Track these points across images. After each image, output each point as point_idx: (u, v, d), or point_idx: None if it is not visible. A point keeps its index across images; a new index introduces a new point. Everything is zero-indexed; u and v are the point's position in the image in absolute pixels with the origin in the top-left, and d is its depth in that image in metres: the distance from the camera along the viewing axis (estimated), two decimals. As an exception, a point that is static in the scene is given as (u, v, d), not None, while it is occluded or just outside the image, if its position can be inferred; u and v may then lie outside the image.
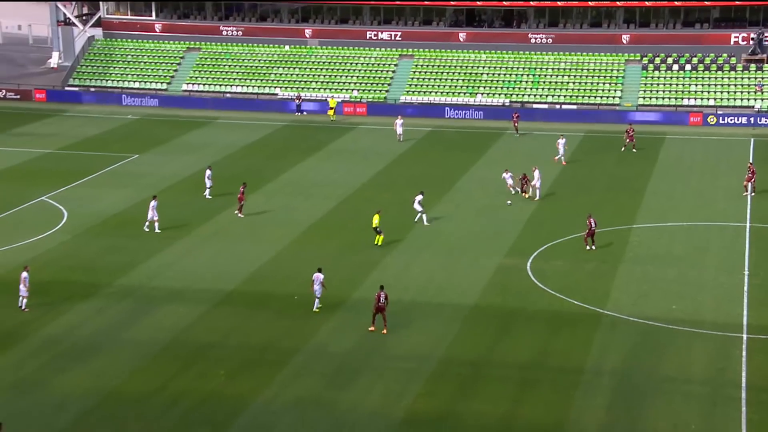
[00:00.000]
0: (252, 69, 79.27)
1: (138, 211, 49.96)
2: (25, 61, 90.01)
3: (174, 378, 33.08)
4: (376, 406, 31.47)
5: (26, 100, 76.21)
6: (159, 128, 69.11)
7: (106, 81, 78.83)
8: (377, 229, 45.34)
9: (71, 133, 67.00)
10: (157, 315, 37.89)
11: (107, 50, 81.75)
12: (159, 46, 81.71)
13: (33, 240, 45.71)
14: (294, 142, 66.24)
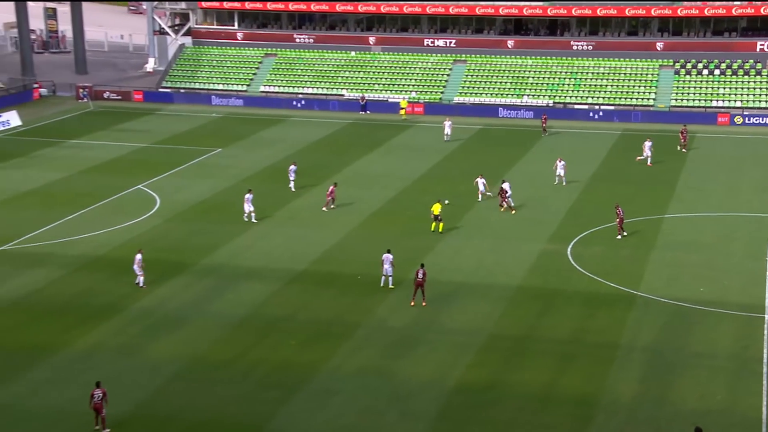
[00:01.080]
0: (322, 72, 79.40)
1: (221, 198, 50.40)
2: (126, 66, 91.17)
3: (251, 347, 33.36)
4: (430, 375, 31.41)
5: (126, 100, 77.18)
6: (239, 125, 69.58)
7: (194, 83, 79.51)
8: (438, 217, 45.09)
9: (164, 129, 67.74)
10: (237, 291, 38.21)
11: (196, 56, 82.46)
12: (240, 53, 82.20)
13: (130, 223, 46.35)
14: (358, 138, 66.26)
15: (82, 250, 42.21)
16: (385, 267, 38.11)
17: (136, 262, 38.17)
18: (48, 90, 78.27)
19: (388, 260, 38.17)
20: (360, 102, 74.86)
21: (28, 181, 53.24)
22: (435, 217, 45.05)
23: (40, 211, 47.49)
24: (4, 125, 66.30)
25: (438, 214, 45.03)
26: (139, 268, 38.10)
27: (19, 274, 39.36)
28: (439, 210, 45.08)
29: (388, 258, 38.22)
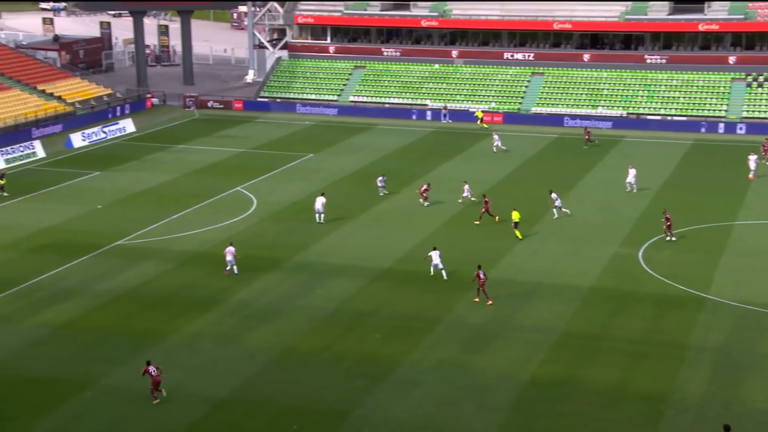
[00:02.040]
0: (407, 84, 79.39)
1: (312, 200, 50.73)
2: (228, 78, 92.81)
3: (338, 339, 33.49)
4: (505, 369, 31.02)
5: (227, 108, 78.54)
6: (330, 132, 70.10)
7: (290, 93, 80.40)
8: (516, 224, 44.15)
9: (261, 135, 68.69)
10: (325, 286, 38.43)
11: (291, 68, 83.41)
12: (332, 65, 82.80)
13: (229, 222, 47.10)
14: (440, 145, 66.01)
15: (187, 246, 43.06)
16: (435, 262, 38.73)
17: (228, 252, 38.96)
18: (159, 99, 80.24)
19: (437, 256, 38.83)
20: (442, 111, 74.59)
21: (141, 182, 54.60)
22: (515, 224, 44.27)
23: (150, 210, 48.64)
24: (120, 131, 68.22)
25: (517, 221, 44.28)
26: (232, 257, 38.87)
27: (132, 266, 40.39)
28: (518, 217, 44.32)
29: (436, 254, 38.90)
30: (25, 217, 47.15)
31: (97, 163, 59.09)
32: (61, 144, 63.73)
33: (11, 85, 71.44)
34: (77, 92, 74.82)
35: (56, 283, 38.30)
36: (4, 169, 53.70)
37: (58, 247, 42.79)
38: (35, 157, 59.92)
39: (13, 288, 37.48)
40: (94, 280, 38.74)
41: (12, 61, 75.73)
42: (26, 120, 66.98)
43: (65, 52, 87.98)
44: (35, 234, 44.57)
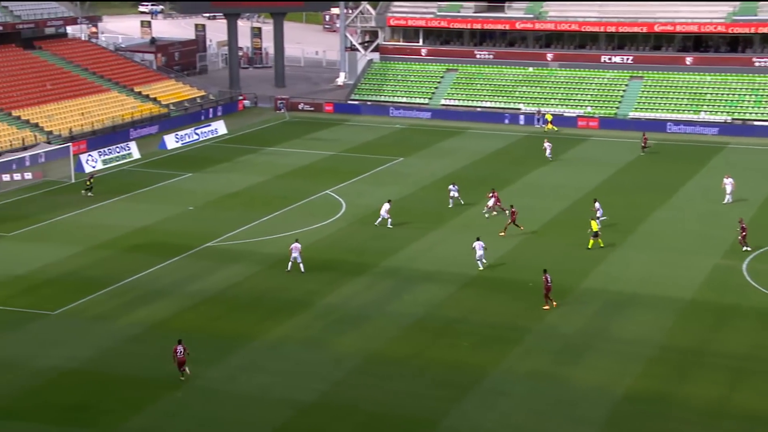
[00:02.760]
0: (500, 87, 78.85)
1: (401, 204, 50.92)
2: (319, 80, 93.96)
3: (427, 346, 33.46)
4: (599, 382, 30.44)
5: (318, 111, 79.50)
6: (421, 136, 70.17)
7: (380, 96, 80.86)
8: (596, 234, 43.18)
9: (351, 138, 69.26)
10: (414, 292, 38.46)
11: (382, 71, 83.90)
12: (423, 68, 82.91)
13: (318, 225, 47.64)
14: (533, 150, 65.29)
15: (276, 249, 43.76)
16: (478, 253, 40.09)
17: (295, 249, 39.81)
18: (251, 102, 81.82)
19: (480, 247, 40.19)
20: (536, 116, 73.81)
21: (232, 184, 55.77)
22: (594, 233, 43.28)
23: (241, 212, 49.63)
24: (212, 133, 69.88)
25: (596, 230, 43.24)
26: (298, 254, 39.64)
27: (222, 268, 41.28)
28: (597, 227, 43.31)
29: (479, 245, 40.32)
30: (120, 217, 48.77)
31: (189, 164, 60.67)
32: (156, 145, 65.71)
33: (110, 87, 74.07)
34: (172, 94, 77.02)
35: (149, 282, 39.46)
36: (93, 170, 55.61)
37: (152, 247, 44.09)
38: (131, 158, 61.91)
39: (109, 287, 38.78)
40: (185, 280, 39.77)
41: (111, 64, 78.51)
42: (123, 121, 69.31)
43: (161, 54, 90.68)
44: (130, 234, 46.04)
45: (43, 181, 55.75)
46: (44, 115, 65.79)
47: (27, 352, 32.64)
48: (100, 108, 69.71)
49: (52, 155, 57.91)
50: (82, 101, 69.65)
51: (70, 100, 69.06)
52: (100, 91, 72.33)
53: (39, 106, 66.68)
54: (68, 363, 31.84)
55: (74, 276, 40.07)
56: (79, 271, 40.69)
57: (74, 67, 74.94)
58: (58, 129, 64.79)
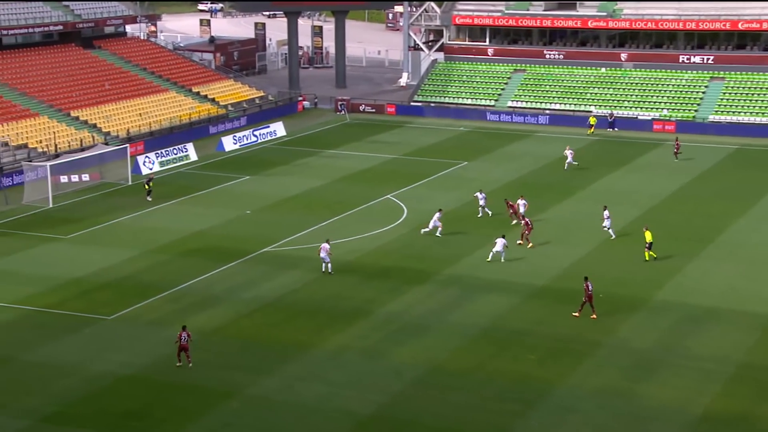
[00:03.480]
0: (570, 89, 78.12)
1: (465, 210, 50.81)
2: (381, 81, 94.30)
3: (490, 358, 33.29)
4: (674, 401, 29.89)
5: (380, 113, 79.75)
6: (485, 139, 69.89)
7: (444, 98, 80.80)
8: (650, 245, 42.21)
9: (413, 141, 69.31)
10: (478, 302, 38.31)
11: (447, 71, 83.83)
12: (490, 68, 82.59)
13: (379, 231, 47.77)
14: (604, 154, 64.52)
15: (334, 255, 43.94)
16: (496, 249, 41.70)
17: (323, 249, 40.86)
18: (310, 103, 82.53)
19: (501, 244, 41.62)
20: (608, 119, 72.94)
21: (290, 187, 56.29)
22: (648, 245, 42.15)
23: (299, 217, 50.06)
24: (271, 135, 70.64)
25: (650, 241, 42.14)
26: (326, 254, 40.61)
27: (279, 274, 41.68)
28: (651, 237, 42.22)
29: (501, 242, 41.70)
30: (176, 221, 49.60)
31: (247, 167, 61.43)
32: (213, 147, 66.69)
33: (168, 87, 75.45)
34: (230, 94, 78.12)
35: (205, 288, 40.04)
36: (152, 173, 56.58)
37: (208, 252, 44.74)
38: (188, 160, 62.93)
39: (164, 292, 39.46)
40: (241, 287, 40.25)
41: (169, 63, 79.97)
42: (180, 122, 70.53)
43: (220, 53, 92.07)
44: (186, 238, 46.79)
45: (100, 183, 57.03)
46: (102, 116, 67.31)
47: (83, 357, 33.40)
48: (158, 108, 71.05)
49: (109, 156, 59.18)
50: (139, 101, 71.10)
51: (128, 101, 70.54)
52: (158, 92, 73.73)
53: (97, 106, 68.25)
54: (124, 369, 32.48)
55: (130, 280, 40.88)
56: (135, 276, 41.50)
57: (133, 67, 76.55)
58: (116, 130, 66.22)
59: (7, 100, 64.78)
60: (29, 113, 64.03)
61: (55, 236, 46.91)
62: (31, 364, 32.83)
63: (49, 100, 66.93)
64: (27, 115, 63.68)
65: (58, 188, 54.64)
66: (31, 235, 47.14)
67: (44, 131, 62.31)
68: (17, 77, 68.09)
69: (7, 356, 33.41)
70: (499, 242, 41.97)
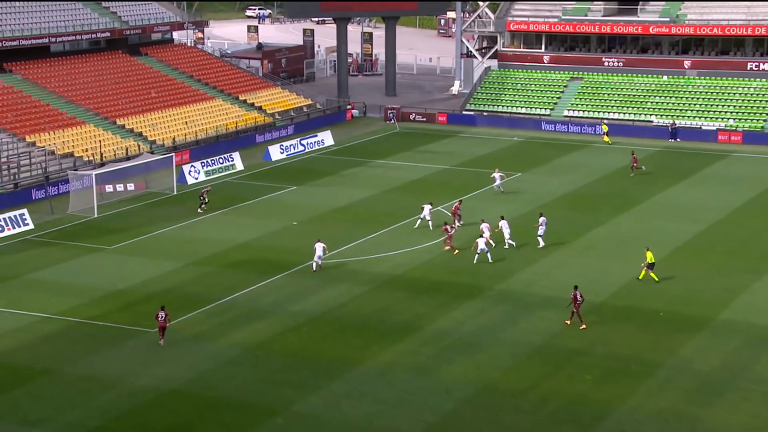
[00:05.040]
0: (629, 97, 77.37)
1: (517, 224, 50.48)
2: (432, 89, 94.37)
3: (545, 378, 32.98)
4: (741, 427, 29.29)
5: (431, 122, 79.78)
6: (540, 150, 69.47)
7: (497, 106, 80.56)
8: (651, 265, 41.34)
9: (465, 151, 69.16)
10: (531, 319, 38.02)
11: (500, 79, 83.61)
12: (545, 76, 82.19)
13: (429, 244, 47.68)
14: (666, 166, 63.71)
15: (383, 269, 44.02)
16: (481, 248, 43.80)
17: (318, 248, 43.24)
18: (359, 111, 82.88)
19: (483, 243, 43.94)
20: (669, 129, 72.06)
21: (338, 198, 56.51)
22: (649, 265, 41.33)
23: (346, 228, 50.21)
24: (318, 144, 71.06)
25: (652, 262, 41.34)
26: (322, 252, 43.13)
27: (327, 287, 41.81)
28: (653, 258, 41.45)
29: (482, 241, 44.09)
30: (221, 232, 50.07)
31: (294, 176, 61.82)
32: (260, 156, 67.26)
33: (214, 94, 76.36)
34: (277, 102, 78.80)
35: (250, 301, 40.32)
36: (208, 185, 56.92)
37: (253, 264, 45.06)
38: (234, 170, 63.54)
39: (208, 305, 39.82)
40: (287, 300, 40.45)
41: (216, 71, 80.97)
42: (227, 131, 71.29)
43: (267, 60, 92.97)
44: (231, 249, 47.19)
45: (145, 193, 57.84)
46: (148, 124, 68.32)
47: (125, 370, 33.82)
48: (204, 117, 71.92)
49: (154, 166, 60.02)
50: (185, 110, 72.03)
51: (173, 109, 71.53)
52: (204, 99, 74.66)
53: (143, 114, 69.30)
54: (166, 383, 32.81)
55: (174, 292, 41.32)
56: (178, 288, 41.95)
57: (179, 74, 77.65)
58: (162, 138, 67.16)
59: (53, 108, 66.13)
60: (75, 121, 65.28)
61: (99, 246, 47.66)
62: (73, 377, 33.33)
63: (95, 108, 68.15)
64: (73, 123, 64.92)
65: (103, 198, 55.55)
66: (76, 245, 47.95)
67: (90, 140, 63.45)
68: (64, 85, 69.49)
69: (50, 368, 33.98)
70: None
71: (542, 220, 46.70)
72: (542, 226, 46.52)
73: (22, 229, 50.26)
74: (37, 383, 32.88)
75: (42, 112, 64.89)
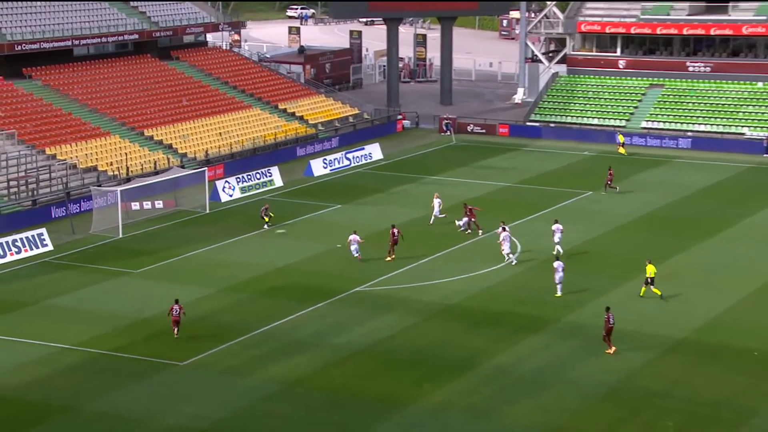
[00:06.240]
0: (718, 107, 76.59)
1: (589, 248, 50.19)
2: (492, 97, 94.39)
3: (619, 423, 32.64)
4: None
5: (490, 134, 79.73)
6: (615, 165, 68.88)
7: (566, 117, 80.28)
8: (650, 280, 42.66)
9: (529, 167, 68.95)
10: (604, 356, 37.67)
11: (569, 86, 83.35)
12: (621, 83, 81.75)
13: (488, 270, 47.55)
14: (759, 185, 62.86)
15: (436, 297, 43.97)
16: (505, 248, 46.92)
17: (354, 241, 46.46)
18: (411, 122, 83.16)
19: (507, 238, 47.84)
20: (764, 143, 71.17)
21: (387, 218, 56.50)
22: (649, 279, 42.67)
23: (397, 252, 50.21)
24: (366, 158, 71.37)
25: (652, 276, 42.54)
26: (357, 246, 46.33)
27: (373, 318, 41.89)
28: (653, 272, 42.62)
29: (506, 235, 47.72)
30: (258, 255, 50.45)
31: (338, 194, 62.15)
32: (301, 171, 67.75)
33: (251, 103, 77.21)
34: (320, 112, 79.42)
35: (289, 332, 40.54)
36: (266, 203, 57.23)
37: (293, 290, 45.33)
38: (272, 186, 64.09)
39: (243, 336, 40.10)
40: (330, 331, 40.60)
41: (254, 76, 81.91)
42: (264, 143, 71.97)
43: (310, 65, 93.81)
44: (268, 274, 47.53)
45: (174, 211, 58.56)
46: (178, 135, 69.26)
47: (152, 407, 34.16)
48: (240, 127, 72.73)
49: (185, 181, 60.72)
50: (220, 119, 72.93)
51: (207, 118, 72.45)
52: (241, 108, 75.52)
53: (173, 124, 70.25)
54: (196, 423, 33.07)
55: (206, 321, 41.71)
56: (210, 316, 42.33)
57: (213, 80, 78.68)
58: (193, 151, 68.01)
59: (76, 118, 67.34)
60: (99, 132, 66.39)
61: (124, 270, 48.31)
62: (94, 415, 33.73)
63: (121, 118, 69.28)
64: (97, 134, 66.03)
65: (129, 216, 56.33)
66: (98, 268, 48.67)
67: (115, 152, 64.44)
68: (88, 92, 70.73)
69: (69, 405, 34.43)
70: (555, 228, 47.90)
71: (557, 227, 48.72)
72: (558, 233, 48.49)
73: (41, 251, 51.15)
74: (55, 422, 33.34)
75: (63, 122, 66.14)
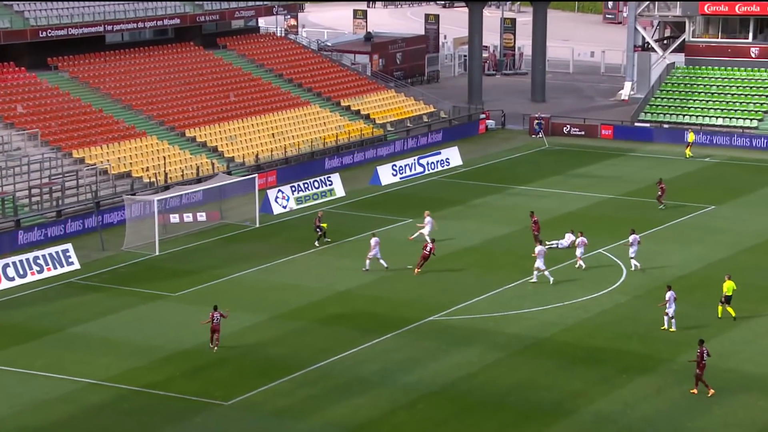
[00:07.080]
0: None
1: (710, 273, 49.56)
2: (594, 92, 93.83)
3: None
4: None
5: (590, 136, 79.25)
6: (743, 174, 68.17)
7: (682, 116, 79.43)
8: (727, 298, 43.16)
9: (636, 176, 68.36)
10: (729, 404, 37.17)
11: (687, 80, 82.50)
12: (752, 75, 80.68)
13: (586, 298, 47.24)
14: None
15: (524, 329, 43.77)
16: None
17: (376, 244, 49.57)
18: (496, 122, 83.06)
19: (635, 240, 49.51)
20: None
21: (465, 235, 56.60)
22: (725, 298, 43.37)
23: (476, 274, 50.21)
24: (442, 164, 71.46)
25: (729, 294, 42.97)
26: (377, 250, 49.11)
27: (450, 352, 41.83)
28: (731, 289, 43.05)
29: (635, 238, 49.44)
30: (315, 277, 50.72)
31: (409, 206, 62.22)
32: (366, 179, 68.01)
33: (309, 99, 77.83)
34: (390, 110, 79.73)
35: (350, 368, 40.65)
36: (320, 210, 57.65)
37: (355, 319, 45.47)
38: (333, 196, 64.41)
39: (297, 372, 40.29)
40: (398, 367, 40.63)
41: (312, 68, 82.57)
42: (324, 146, 72.42)
43: (378, 55, 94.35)
44: (327, 300, 47.75)
45: (219, 224, 59.16)
46: (225, 137, 70.02)
47: (190, 452, 34.53)
48: (296, 127, 73.34)
49: (232, 190, 61.27)
50: (273, 118, 73.63)
51: (257, 117, 73.19)
52: (297, 105, 76.16)
53: (219, 124, 71.08)
54: (241, 471, 33.33)
55: (254, 354, 42.02)
56: (260, 348, 42.64)
57: (265, 73, 79.50)
58: (242, 155, 68.71)
59: (107, 115, 68.46)
60: (134, 132, 67.40)
61: (160, 293, 48.91)
62: (125, 460, 34.21)
63: (159, 116, 70.30)
64: (131, 134, 67.03)
65: (167, 230, 57.02)
66: (131, 290, 49.33)
67: (152, 156, 65.36)
68: (121, 86, 71.84)
69: (95, 448, 34.95)
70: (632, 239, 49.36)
71: (633, 238, 50.03)
72: (634, 245, 49.88)
73: (66, 270, 51.96)
74: (79, 467, 33.83)
75: (93, 120, 67.26)
